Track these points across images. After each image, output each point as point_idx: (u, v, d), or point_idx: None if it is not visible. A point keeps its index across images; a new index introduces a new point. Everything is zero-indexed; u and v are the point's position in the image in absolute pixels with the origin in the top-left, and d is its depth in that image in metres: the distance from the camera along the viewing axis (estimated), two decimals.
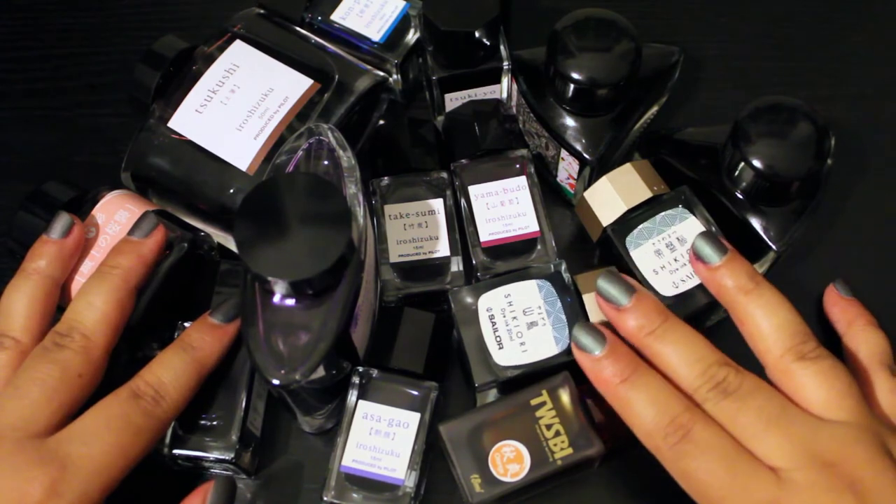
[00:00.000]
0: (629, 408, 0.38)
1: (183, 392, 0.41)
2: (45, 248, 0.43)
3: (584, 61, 0.46)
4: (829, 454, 0.35)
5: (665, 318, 0.39)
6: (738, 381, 0.37)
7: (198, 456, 0.44)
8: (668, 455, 0.37)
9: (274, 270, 0.38)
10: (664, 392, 0.38)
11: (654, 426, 0.37)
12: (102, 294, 0.42)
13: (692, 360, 0.38)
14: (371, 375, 0.45)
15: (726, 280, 0.40)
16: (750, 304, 0.39)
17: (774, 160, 0.44)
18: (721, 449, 0.36)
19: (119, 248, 0.44)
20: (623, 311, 0.40)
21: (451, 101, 0.53)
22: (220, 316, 0.44)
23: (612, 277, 0.41)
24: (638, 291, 0.40)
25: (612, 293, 0.40)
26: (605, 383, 0.39)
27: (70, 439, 0.38)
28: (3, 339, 0.41)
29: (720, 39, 0.59)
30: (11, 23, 0.61)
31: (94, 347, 0.40)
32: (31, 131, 0.57)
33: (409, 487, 0.43)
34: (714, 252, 0.41)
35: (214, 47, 0.50)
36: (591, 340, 0.40)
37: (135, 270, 0.43)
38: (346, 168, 0.42)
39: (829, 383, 0.37)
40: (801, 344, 0.38)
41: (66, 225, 0.44)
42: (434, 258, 0.48)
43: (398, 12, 0.54)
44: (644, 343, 0.39)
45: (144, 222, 0.44)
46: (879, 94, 0.57)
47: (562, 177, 0.52)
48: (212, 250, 0.49)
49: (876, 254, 0.52)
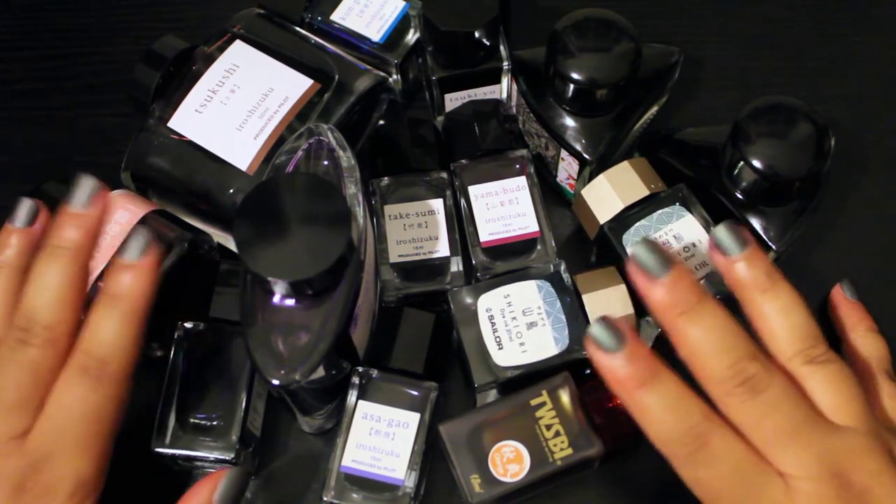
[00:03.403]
0: (646, 413, 0.36)
1: (126, 349, 0.39)
2: (11, 238, 0.41)
3: (584, 61, 0.46)
4: (839, 464, 0.35)
5: (700, 299, 0.37)
6: (767, 380, 0.36)
7: (198, 456, 0.44)
8: (683, 463, 0.36)
9: (274, 270, 0.38)
10: (684, 398, 0.36)
11: (671, 434, 0.36)
12: (55, 277, 0.39)
13: (722, 350, 0.36)
14: (371, 375, 0.45)
15: (743, 274, 0.38)
16: (765, 304, 0.38)
17: (774, 160, 0.44)
18: (736, 459, 0.35)
19: (62, 223, 0.40)
20: (657, 284, 0.37)
21: (451, 101, 0.53)
22: (132, 252, 0.40)
23: (649, 245, 0.37)
24: (677, 264, 0.37)
25: (649, 262, 0.37)
26: (621, 385, 0.37)
27: (45, 434, 0.37)
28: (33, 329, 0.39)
29: (720, 39, 0.59)
30: (11, 23, 0.61)
31: (59, 337, 0.39)
32: (31, 131, 0.57)
33: (408, 487, 0.43)
34: (734, 244, 0.38)
35: (214, 47, 0.50)
36: (609, 337, 0.36)
37: (84, 245, 0.40)
38: (346, 168, 0.42)
39: (838, 388, 0.37)
40: (811, 347, 0.37)
41: (31, 211, 0.41)
42: (434, 258, 0.48)
43: (398, 12, 0.54)
44: (674, 323, 0.37)
45: (83, 188, 0.40)
46: (879, 94, 0.57)
47: (562, 177, 0.52)
48: (212, 250, 0.49)
49: (876, 254, 0.52)
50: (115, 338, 0.39)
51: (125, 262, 0.40)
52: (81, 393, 0.38)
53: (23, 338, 0.39)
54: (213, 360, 0.46)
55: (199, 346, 0.46)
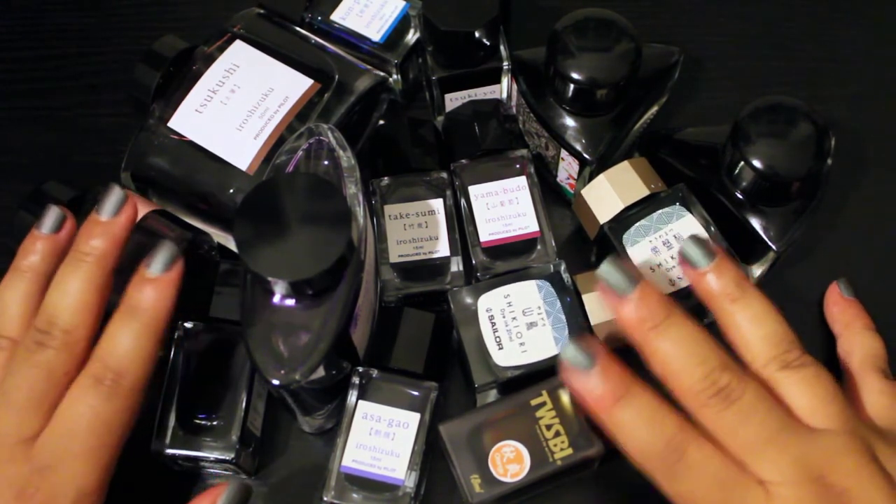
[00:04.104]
0: (623, 429, 0.36)
1: (141, 361, 0.39)
2: (37, 244, 0.42)
3: (584, 61, 0.46)
4: (818, 467, 0.35)
5: (669, 313, 0.37)
6: (740, 388, 0.36)
7: (198, 456, 0.44)
8: (662, 477, 0.36)
9: (274, 270, 0.38)
10: (659, 412, 0.36)
11: (648, 448, 0.36)
12: (78, 282, 0.40)
13: (694, 363, 0.37)
14: (371, 375, 0.45)
15: (713, 286, 0.39)
16: (736, 314, 0.38)
17: (774, 160, 0.44)
18: (715, 469, 0.35)
19: (89, 231, 0.41)
20: (625, 301, 0.38)
21: (451, 101, 0.53)
22: (158, 266, 0.40)
23: (615, 264, 0.38)
24: (643, 281, 0.38)
25: (615, 280, 0.38)
26: (597, 404, 0.37)
27: (53, 440, 0.37)
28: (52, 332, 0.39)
29: (720, 39, 0.59)
30: (11, 23, 0.61)
31: (76, 342, 0.39)
32: (31, 131, 0.57)
33: (409, 487, 0.43)
34: (701, 256, 0.39)
35: (214, 47, 0.50)
36: (581, 357, 0.36)
37: (109, 253, 0.40)
38: (346, 168, 0.42)
39: (813, 391, 0.37)
40: (785, 353, 0.37)
41: (57, 219, 0.42)
42: (434, 258, 0.48)
43: (398, 12, 0.54)
44: (645, 338, 0.37)
45: (111, 198, 0.41)
46: (879, 94, 0.57)
47: (562, 177, 0.52)
48: (212, 250, 0.49)
49: (876, 254, 0.52)
50: (133, 350, 0.39)
51: (149, 276, 0.40)
52: (94, 403, 0.38)
53: (41, 340, 0.39)
54: (213, 360, 0.46)
55: (199, 346, 0.46)
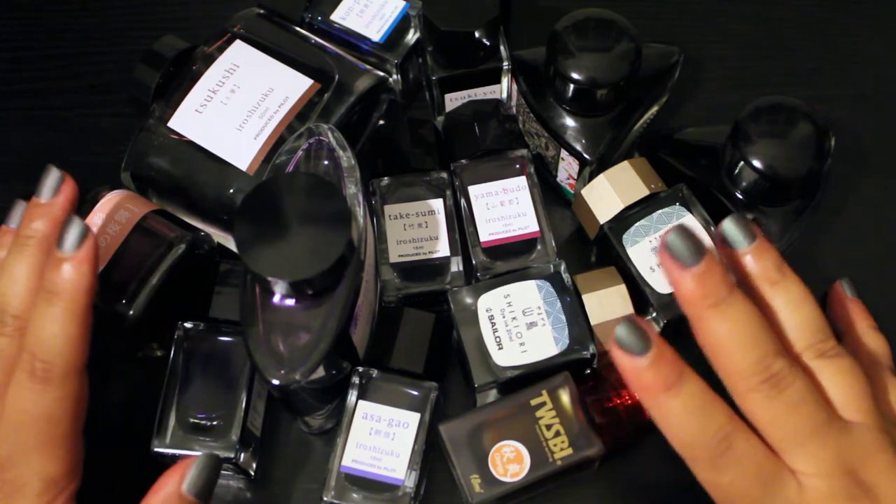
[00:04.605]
0: (670, 417, 0.36)
1: (70, 346, 0.38)
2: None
3: (584, 61, 0.46)
4: (851, 462, 0.35)
5: (730, 292, 0.36)
6: (791, 377, 0.35)
7: None
8: (705, 467, 0.36)
9: (274, 270, 0.38)
10: (709, 402, 0.36)
11: (695, 438, 0.35)
12: (24, 267, 0.39)
13: (749, 345, 0.36)
14: (371, 375, 0.45)
15: (752, 267, 0.38)
16: (776, 297, 0.38)
17: (774, 160, 0.44)
18: (757, 462, 0.35)
19: (30, 214, 0.40)
20: (688, 273, 0.36)
21: (451, 101, 0.53)
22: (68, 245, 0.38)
23: (684, 233, 0.37)
24: (710, 254, 0.36)
25: (681, 250, 0.36)
26: (646, 390, 0.36)
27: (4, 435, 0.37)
28: (3, 319, 0.39)
29: (720, 39, 0.59)
30: (11, 23, 0.61)
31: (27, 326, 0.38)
32: (31, 131, 0.57)
33: (408, 487, 0.43)
34: (743, 237, 0.38)
35: (214, 47, 0.50)
36: (636, 341, 0.35)
37: (51, 234, 0.39)
38: (346, 168, 0.42)
39: (848, 382, 0.37)
40: (821, 342, 0.37)
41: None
42: (434, 258, 0.48)
43: (398, 12, 0.54)
44: (702, 314, 0.36)
45: (49, 180, 0.41)
46: (879, 94, 0.57)
47: (562, 177, 0.52)
48: (212, 250, 0.49)
49: (876, 254, 0.52)
50: (58, 336, 0.37)
51: (62, 255, 0.38)
52: (31, 396, 0.37)
53: None
54: (213, 360, 0.46)
55: (199, 346, 0.46)
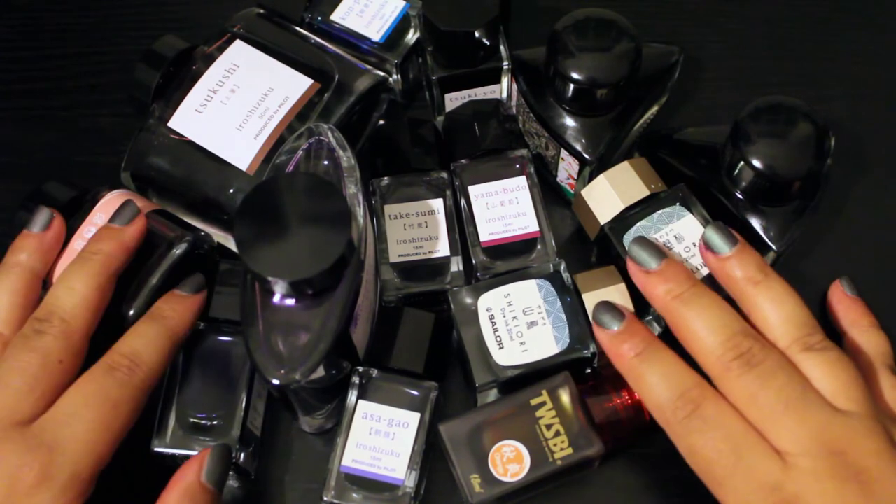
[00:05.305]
0: (642, 381, 0.39)
1: (158, 358, 0.41)
2: (25, 242, 0.44)
3: (584, 61, 0.46)
4: (838, 443, 0.35)
5: (693, 284, 0.40)
6: (762, 354, 0.37)
7: None
8: (676, 430, 0.38)
9: (274, 270, 0.38)
10: (677, 367, 0.38)
11: (664, 400, 0.38)
12: (83, 278, 0.42)
13: (717, 327, 0.38)
14: (371, 375, 0.45)
15: (735, 271, 0.40)
16: (759, 296, 0.40)
17: (774, 160, 0.44)
18: (729, 427, 0.36)
19: (100, 235, 0.44)
20: (651, 274, 0.41)
21: (451, 101, 0.53)
22: (187, 288, 0.45)
23: (642, 242, 0.42)
24: (669, 256, 0.41)
25: (642, 256, 0.42)
26: (620, 357, 0.40)
27: (53, 422, 0.38)
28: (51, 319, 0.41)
29: (720, 39, 0.59)
30: (11, 23, 0.61)
31: (74, 332, 0.40)
32: (31, 131, 0.57)
33: (408, 487, 0.43)
34: (724, 242, 0.41)
35: (214, 47, 0.50)
36: (609, 317, 0.41)
37: (116, 256, 0.43)
38: (346, 168, 0.42)
39: (835, 374, 0.37)
40: (807, 335, 0.38)
41: (46, 219, 0.44)
42: (434, 258, 0.48)
43: (398, 12, 0.54)
44: (670, 307, 0.40)
45: (126, 210, 0.45)
46: (879, 94, 0.57)
47: (562, 177, 0.52)
48: (212, 250, 0.49)
49: (876, 254, 0.52)
50: (151, 346, 0.41)
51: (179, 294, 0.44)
52: (105, 383, 0.39)
53: (39, 328, 0.40)
54: (213, 360, 0.46)
55: (199, 346, 0.46)
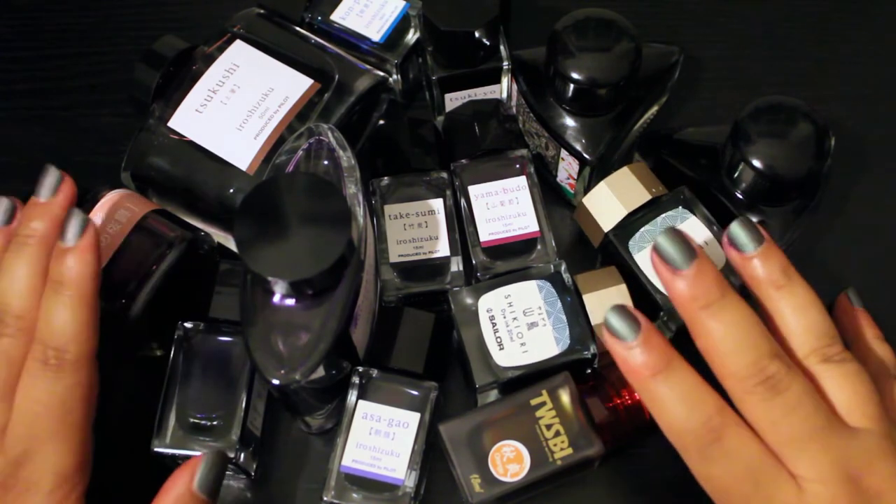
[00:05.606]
0: (659, 403, 0.36)
1: (81, 333, 0.39)
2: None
3: (584, 61, 0.46)
4: (854, 467, 0.34)
5: (723, 294, 0.36)
6: (788, 380, 0.35)
7: None
8: (694, 457, 0.36)
9: (274, 270, 0.38)
10: (698, 390, 0.36)
11: (684, 426, 0.35)
12: (24, 266, 0.40)
13: (744, 347, 0.35)
14: (371, 375, 0.45)
15: (759, 271, 0.38)
16: (781, 300, 0.37)
17: (774, 160, 0.44)
18: (749, 457, 0.35)
19: (29, 214, 0.41)
20: (679, 276, 0.36)
21: (451, 101, 0.53)
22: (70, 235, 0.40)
23: (674, 236, 0.37)
24: (701, 256, 0.37)
25: (672, 253, 0.37)
26: (635, 374, 0.36)
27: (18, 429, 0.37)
28: (4, 319, 0.39)
29: (720, 39, 0.59)
30: (11, 23, 0.61)
31: (30, 326, 0.39)
32: (31, 131, 0.57)
33: (408, 487, 0.43)
34: (749, 240, 0.38)
35: (214, 47, 0.50)
36: (624, 326, 0.36)
37: (52, 234, 0.40)
38: (346, 168, 0.42)
39: (853, 387, 0.36)
40: (827, 346, 0.37)
41: (7, 210, 0.42)
42: (434, 258, 0.48)
43: (398, 12, 0.54)
44: (695, 316, 0.36)
45: (48, 179, 0.41)
46: (879, 94, 0.57)
47: (562, 177, 0.52)
48: (212, 250, 0.49)
49: (876, 254, 0.52)
50: (68, 325, 0.38)
51: (65, 246, 0.39)
52: (45, 385, 0.38)
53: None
54: (213, 360, 0.46)
55: (199, 346, 0.46)
